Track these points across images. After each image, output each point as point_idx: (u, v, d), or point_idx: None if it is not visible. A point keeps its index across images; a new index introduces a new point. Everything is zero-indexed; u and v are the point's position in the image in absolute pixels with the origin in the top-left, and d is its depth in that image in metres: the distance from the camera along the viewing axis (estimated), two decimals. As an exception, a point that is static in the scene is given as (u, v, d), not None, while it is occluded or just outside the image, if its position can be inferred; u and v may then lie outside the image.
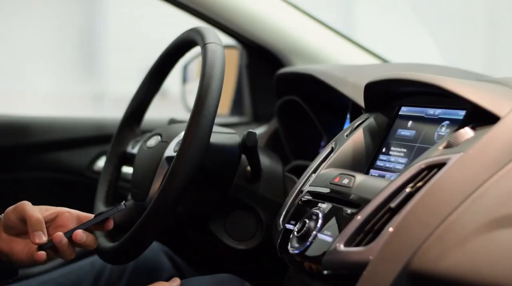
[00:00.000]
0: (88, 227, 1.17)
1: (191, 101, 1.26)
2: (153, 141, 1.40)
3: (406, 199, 0.95)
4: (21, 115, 2.01)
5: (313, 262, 1.02)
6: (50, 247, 1.14)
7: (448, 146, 0.98)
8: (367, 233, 0.96)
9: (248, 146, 1.30)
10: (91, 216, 1.18)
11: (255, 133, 1.30)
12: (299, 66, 1.81)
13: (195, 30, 1.32)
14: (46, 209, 1.18)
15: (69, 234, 1.15)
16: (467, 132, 0.98)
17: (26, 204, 1.15)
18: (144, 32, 6.08)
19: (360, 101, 1.26)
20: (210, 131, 1.19)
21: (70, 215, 1.18)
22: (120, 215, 1.19)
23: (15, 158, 1.95)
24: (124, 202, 1.18)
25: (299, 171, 1.37)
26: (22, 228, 1.15)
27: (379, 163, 1.16)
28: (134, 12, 6.35)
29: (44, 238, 1.13)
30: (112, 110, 6.05)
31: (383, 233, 0.93)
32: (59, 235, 1.14)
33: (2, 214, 1.18)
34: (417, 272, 0.89)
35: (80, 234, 1.15)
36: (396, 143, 1.16)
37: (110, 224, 1.17)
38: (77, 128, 2.01)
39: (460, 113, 1.07)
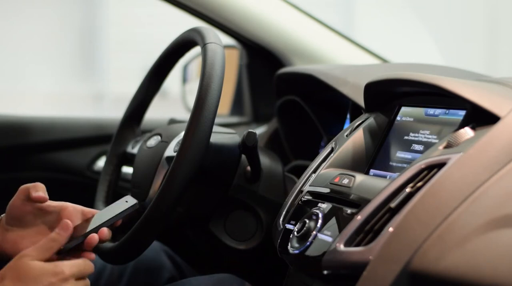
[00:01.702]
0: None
1: (191, 101, 1.26)
2: (153, 141, 1.41)
3: (406, 199, 0.95)
4: (21, 115, 2.01)
5: (313, 262, 1.02)
6: (72, 248, 1.09)
7: (448, 146, 0.98)
8: (367, 233, 0.96)
9: (248, 146, 1.30)
10: (95, 211, 1.15)
11: (255, 133, 1.30)
12: (299, 66, 1.81)
13: (195, 30, 1.32)
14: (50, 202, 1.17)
15: (95, 231, 1.10)
16: (467, 132, 0.98)
17: (28, 185, 1.13)
18: (144, 32, 6.08)
19: (360, 101, 1.26)
20: (210, 131, 1.19)
21: (74, 209, 1.15)
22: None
23: (15, 158, 1.95)
24: (137, 202, 1.15)
25: (299, 171, 1.38)
26: (29, 212, 1.13)
27: (379, 163, 1.16)
28: (134, 12, 6.35)
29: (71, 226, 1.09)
30: (112, 110, 6.05)
31: (383, 233, 0.93)
32: (94, 237, 1.10)
33: (3, 215, 1.18)
34: (417, 272, 0.89)
35: (106, 231, 1.11)
36: (396, 143, 1.16)
37: (119, 221, 1.15)
38: (77, 128, 2.01)
39: (460, 113, 1.07)
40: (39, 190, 1.14)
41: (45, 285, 1.02)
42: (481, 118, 0.99)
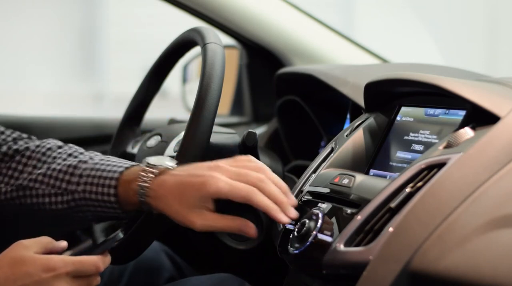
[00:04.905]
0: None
1: (191, 101, 1.26)
2: (153, 141, 1.40)
3: (406, 199, 0.95)
4: (21, 115, 2.01)
5: (313, 262, 1.02)
6: None
7: (448, 146, 0.98)
8: (367, 233, 0.96)
9: (248, 146, 1.30)
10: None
11: (255, 133, 1.30)
12: (299, 66, 1.81)
13: (195, 30, 1.32)
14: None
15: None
16: (467, 132, 0.98)
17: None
18: (144, 32, 6.08)
19: (360, 101, 1.26)
20: (210, 131, 1.19)
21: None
22: None
23: (15, 158, 1.95)
24: (121, 229, 1.11)
25: (299, 171, 1.37)
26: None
27: (379, 163, 1.16)
28: (134, 12, 6.35)
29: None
30: (112, 110, 6.05)
31: (383, 233, 0.93)
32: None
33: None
34: (417, 272, 0.89)
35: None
36: (396, 143, 1.16)
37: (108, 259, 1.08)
38: (77, 128, 2.00)
39: (460, 113, 1.07)
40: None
41: (36, 280, 0.96)
42: (481, 118, 0.99)
